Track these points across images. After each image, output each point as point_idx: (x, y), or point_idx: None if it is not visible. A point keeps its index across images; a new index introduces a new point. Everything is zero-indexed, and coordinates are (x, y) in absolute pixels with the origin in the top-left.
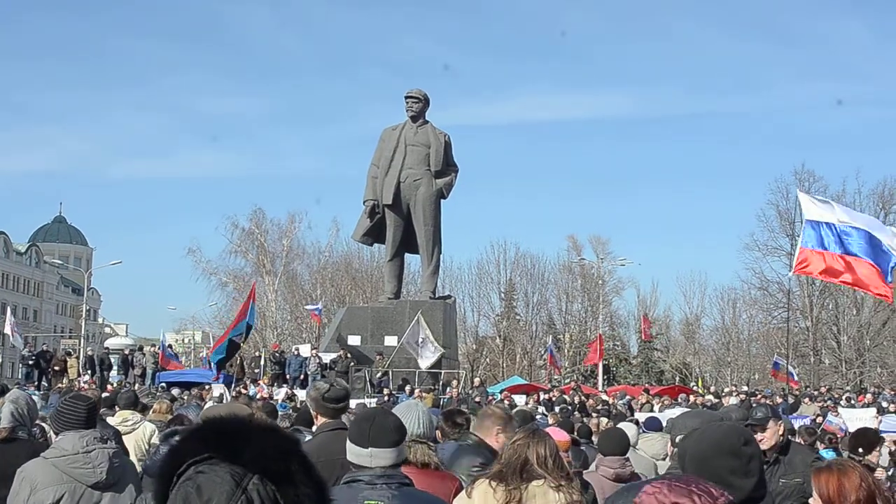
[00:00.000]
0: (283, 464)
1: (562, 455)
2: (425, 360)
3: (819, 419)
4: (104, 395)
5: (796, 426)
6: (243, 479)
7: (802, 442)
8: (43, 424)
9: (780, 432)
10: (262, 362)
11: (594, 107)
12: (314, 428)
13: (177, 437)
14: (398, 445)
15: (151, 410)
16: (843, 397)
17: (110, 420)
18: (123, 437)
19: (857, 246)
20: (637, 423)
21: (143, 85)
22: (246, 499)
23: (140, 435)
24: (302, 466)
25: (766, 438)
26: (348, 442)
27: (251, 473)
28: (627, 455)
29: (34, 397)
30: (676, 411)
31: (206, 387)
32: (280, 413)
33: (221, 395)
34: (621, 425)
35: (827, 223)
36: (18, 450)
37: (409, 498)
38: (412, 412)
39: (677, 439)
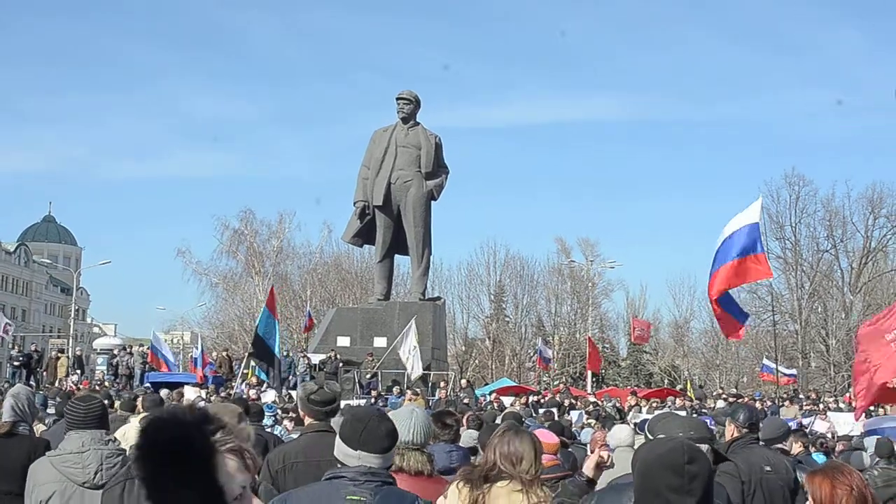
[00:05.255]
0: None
1: (548, 457)
2: (415, 371)
3: (801, 421)
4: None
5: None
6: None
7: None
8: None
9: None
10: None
11: (585, 110)
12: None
13: None
14: (388, 452)
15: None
16: (826, 401)
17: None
18: None
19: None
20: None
21: (134, 87)
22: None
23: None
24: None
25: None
26: (338, 439)
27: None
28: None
29: None
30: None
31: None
32: (267, 413)
33: (198, 397)
34: (617, 427)
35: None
36: (19, 444)
37: (392, 496)
38: (410, 419)
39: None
